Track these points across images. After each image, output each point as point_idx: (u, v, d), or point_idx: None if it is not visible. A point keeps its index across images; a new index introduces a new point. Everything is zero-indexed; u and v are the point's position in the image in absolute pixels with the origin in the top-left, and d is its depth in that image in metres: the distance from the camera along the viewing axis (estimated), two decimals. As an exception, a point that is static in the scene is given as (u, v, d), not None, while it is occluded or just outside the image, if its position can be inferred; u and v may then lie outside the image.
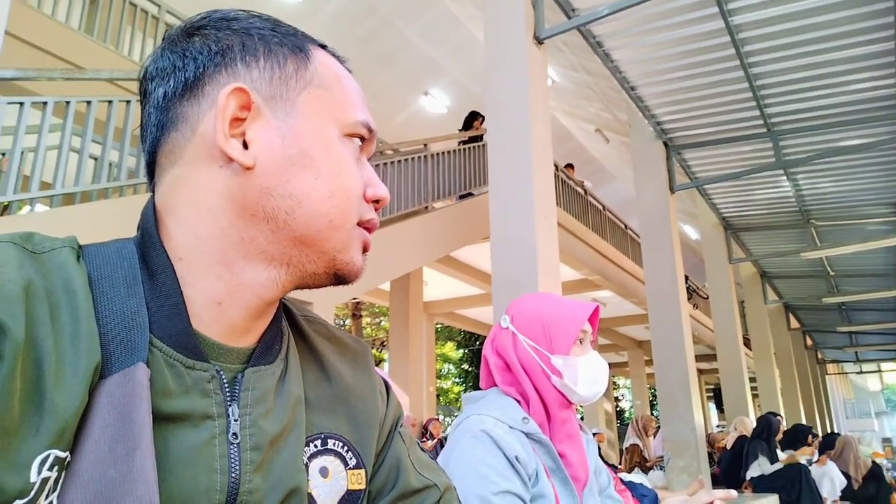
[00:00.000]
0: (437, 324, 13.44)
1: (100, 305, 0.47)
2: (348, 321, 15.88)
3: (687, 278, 8.22)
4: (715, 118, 6.16)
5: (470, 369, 20.97)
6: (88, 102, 3.78)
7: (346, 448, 0.60)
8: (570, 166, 10.02)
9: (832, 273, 10.38)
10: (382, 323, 18.13)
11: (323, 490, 0.57)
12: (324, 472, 0.57)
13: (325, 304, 4.92)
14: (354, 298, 12.36)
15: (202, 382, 0.49)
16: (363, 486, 0.60)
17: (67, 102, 3.66)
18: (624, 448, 6.56)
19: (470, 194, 7.15)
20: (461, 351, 21.27)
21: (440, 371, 19.88)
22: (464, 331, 18.18)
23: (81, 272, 0.47)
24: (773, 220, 8.60)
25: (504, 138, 4.00)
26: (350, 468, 0.59)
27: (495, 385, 1.24)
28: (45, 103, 3.56)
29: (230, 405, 0.51)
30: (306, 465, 0.56)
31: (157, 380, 0.47)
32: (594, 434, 5.21)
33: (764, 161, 6.73)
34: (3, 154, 3.55)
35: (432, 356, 11.51)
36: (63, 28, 5.37)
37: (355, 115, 0.57)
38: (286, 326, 0.61)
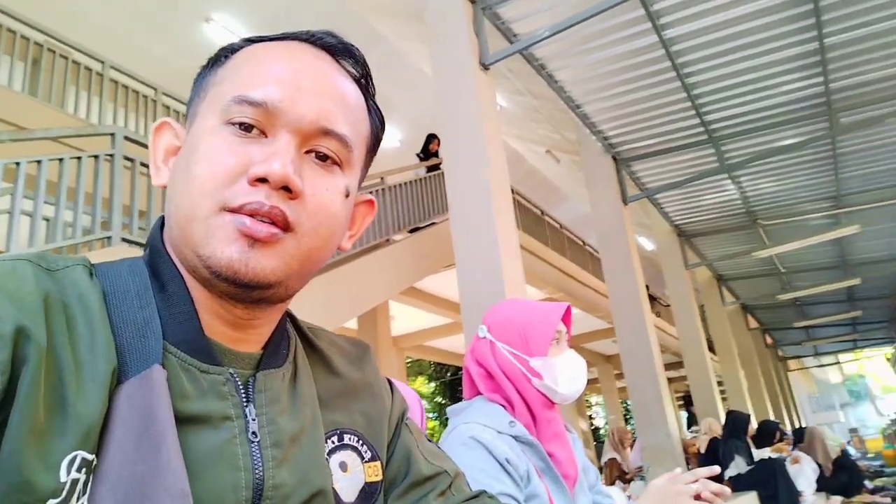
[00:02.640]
0: (406, 358, 13.35)
1: (114, 317, 0.49)
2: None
3: (648, 288, 8.40)
4: (658, 129, 6.40)
5: (444, 402, 20.79)
6: (39, 162, 3.71)
7: (361, 442, 0.62)
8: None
9: (783, 270, 10.74)
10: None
11: (344, 484, 0.59)
12: (343, 466, 0.60)
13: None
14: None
15: (218, 385, 0.51)
16: (380, 478, 0.63)
17: (17, 164, 3.59)
18: (602, 464, 6.59)
19: (418, 228, 7.21)
20: (433, 384, 21.09)
21: (414, 405, 19.61)
22: (434, 363, 18.08)
23: (95, 287, 0.50)
24: (722, 224, 8.89)
25: (460, 164, 4.08)
26: (366, 461, 0.62)
27: (479, 394, 1.27)
28: (-9, 165, 3.48)
29: (246, 406, 0.52)
30: (326, 459, 0.58)
31: (174, 383, 0.48)
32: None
33: (708, 167, 6.98)
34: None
35: (405, 390, 11.40)
36: (6, 91, 5.28)
37: (231, 94, 0.52)
38: (293, 332, 0.63)
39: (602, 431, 24.33)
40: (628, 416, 20.14)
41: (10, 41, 5.63)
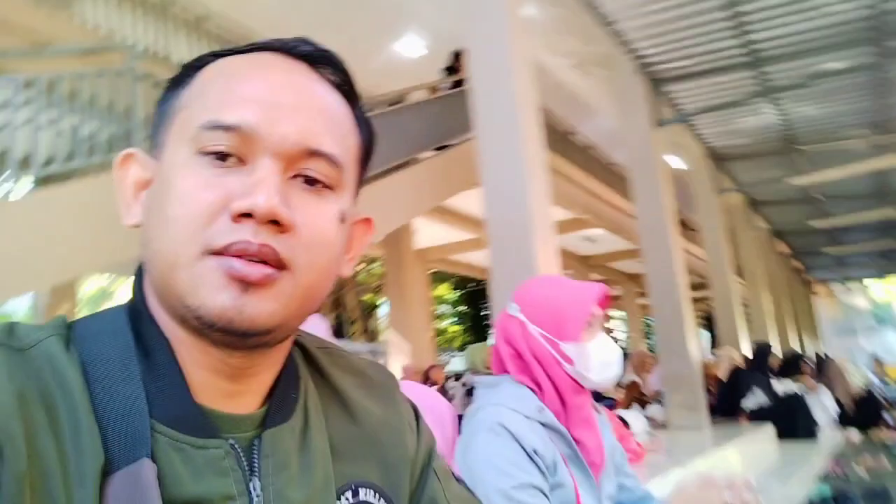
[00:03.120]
0: (430, 269, 13.48)
1: (96, 395, 0.44)
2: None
3: (678, 211, 8.27)
4: (697, 49, 6.05)
5: (466, 310, 21.20)
6: (57, 78, 3.65)
7: (378, 496, 0.57)
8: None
9: (818, 197, 10.45)
10: (372, 270, 18.18)
11: None
12: None
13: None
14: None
15: (216, 462, 0.46)
16: None
17: (36, 80, 3.54)
18: (621, 384, 6.70)
19: (446, 146, 7.03)
20: (457, 292, 21.43)
21: (436, 312, 20.06)
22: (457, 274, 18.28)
23: (72, 362, 0.45)
24: (759, 148, 8.58)
25: (485, 80, 3.91)
26: None
27: (507, 372, 1.24)
28: (17, 80, 3.45)
29: (251, 479, 0.48)
30: None
31: (166, 470, 0.44)
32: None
33: (748, 89, 6.65)
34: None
35: (428, 302, 11.61)
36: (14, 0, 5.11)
37: (201, 119, 0.47)
38: (301, 368, 0.57)
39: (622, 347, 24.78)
40: (648, 333, 20.41)
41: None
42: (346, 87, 0.54)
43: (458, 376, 6.28)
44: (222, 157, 0.46)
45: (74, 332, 0.48)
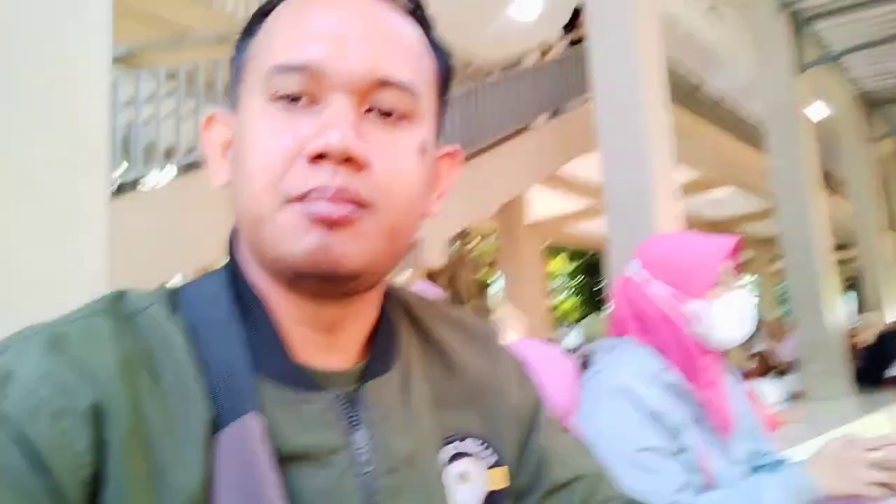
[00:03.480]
0: (545, 243, 13.34)
1: (202, 354, 0.46)
2: (455, 245, 16.10)
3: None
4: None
5: (584, 279, 20.81)
6: (195, 68, 3.93)
7: (484, 445, 0.56)
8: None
9: None
10: (487, 245, 18.25)
11: (464, 496, 0.53)
12: (464, 476, 0.54)
13: (435, 239, 4.98)
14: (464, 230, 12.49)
15: (320, 414, 0.47)
16: (506, 485, 0.57)
17: (175, 72, 3.82)
18: (754, 353, 6.32)
19: (559, 111, 6.82)
20: (573, 264, 21.08)
21: (551, 287, 19.87)
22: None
23: (177, 326, 0.47)
24: (921, 88, 7.63)
25: (607, 37, 3.74)
26: (490, 467, 0.56)
27: (627, 334, 1.20)
28: (157, 74, 3.74)
29: (356, 430, 0.48)
30: (445, 473, 0.53)
31: (273, 422, 0.45)
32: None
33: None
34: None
35: (543, 277, 11.52)
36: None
37: (271, 62, 0.46)
38: (402, 320, 0.57)
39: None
40: (782, 301, 19.02)
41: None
42: (418, 11, 0.52)
43: (574, 350, 6.22)
44: (293, 99, 0.45)
45: (179, 299, 0.50)
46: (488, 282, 18.60)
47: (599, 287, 20.08)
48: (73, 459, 0.39)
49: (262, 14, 0.51)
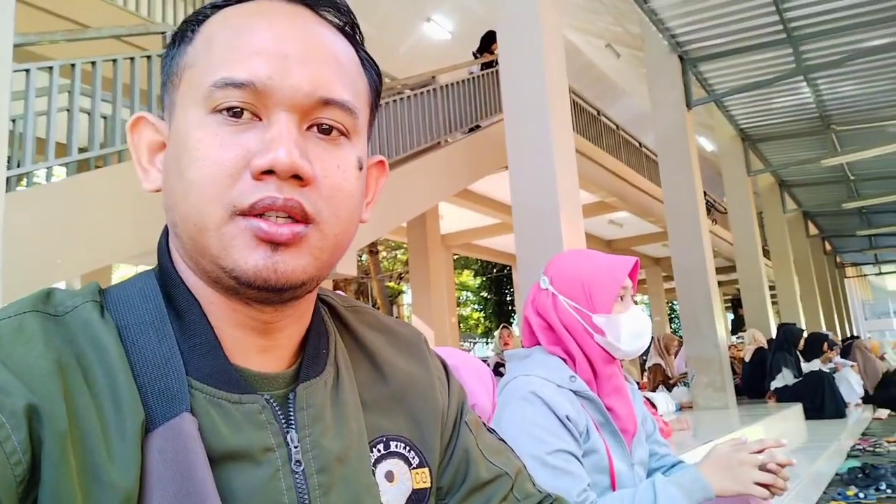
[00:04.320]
0: (454, 255, 13.53)
1: (132, 357, 0.46)
2: (365, 257, 16.04)
3: (704, 193, 8.14)
4: (732, 27, 5.93)
5: (489, 297, 21.22)
6: (93, 63, 3.71)
7: (408, 448, 0.58)
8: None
9: (852, 177, 10.22)
10: (398, 256, 18.28)
11: (390, 495, 0.56)
12: (389, 476, 0.56)
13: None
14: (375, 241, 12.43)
15: (253, 415, 0.48)
16: (428, 484, 0.59)
17: (73, 65, 3.61)
18: (646, 367, 6.70)
19: (478, 127, 7.02)
20: (479, 278, 21.47)
21: (459, 298, 20.16)
22: (481, 259, 18.29)
23: (108, 326, 0.46)
24: (792, 129, 8.41)
25: (516, 63, 3.90)
26: (414, 468, 0.58)
27: (539, 344, 1.27)
28: (50, 67, 3.51)
29: (288, 431, 0.49)
30: (372, 472, 0.55)
31: (206, 423, 0.45)
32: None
33: (784, 68, 6.51)
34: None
35: (452, 288, 11.65)
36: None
37: (213, 77, 0.46)
38: (330, 324, 0.59)
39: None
40: (672, 317, 20.25)
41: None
42: (349, 28, 0.53)
43: (483, 360, 6.34)
44: (237, 114, 0.46)
45: (108, 299, 0.49)
46: (397, 293, 18.57)
47: (504, 302, 20.55)
48: (7, 457, 0.38)
49: (196, 21, 0.51)
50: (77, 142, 3.68)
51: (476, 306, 21.84)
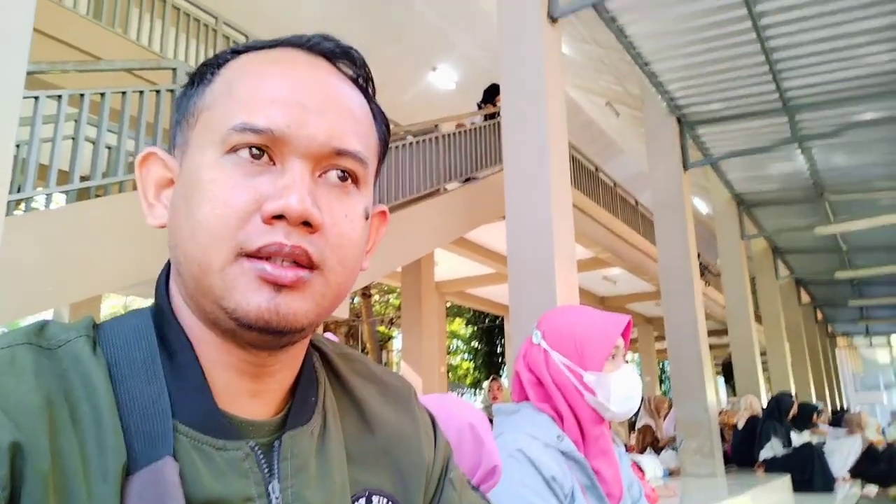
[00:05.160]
0: (447, 302, 13.50)
1: (120, 395, 0.46)
2: (357, 300, 15.97)
3: (699, 255, 8.19)
4: (730, 93, 6.08)
5: (479, 347, 21.08)
6: (102, 94, 3.77)
7: (390, 503, 0.57)
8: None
9: (845, 247, 10.31)
10: (390, 300, 18.21)
11: None
12: None
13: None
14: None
15: (236, 462, 0.47)
16: None
17: (82, 95, 3.66)
18: (636, 428, 6.61)
19: (474, 178, 7.11)
20: (470, 328, 21.36)
21: (450, 347, 20.02)
22: (473, 308, 18.25)
23: (99, 363, 0.46)
24: (786, 195, 8.52)
25: (518, 117, 3.97)
26: None
27: (527, 399, 1.25)
28: (59, 96, 3.56)
29: (270, 481, 0.48)
30: None
31: (187, 468, 0.45)
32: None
33: (779, 136, 6.64)
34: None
35: (443, 336, 11.58)
36: (70, 14, 5.32)
37: (232, 121, 0.47)
38: (321, 371, 0.58)
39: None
40: (664, 377, 20.11)
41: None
42: (363, 81, 0.55)
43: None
44: (256, 155, 0.47)
45: (101, 334, 0.49)
46: (387, 338, 18.41)
47: (495, 353, 20.39)
48: None
49: (216, 64, 0.52)
50: (80, 170, 3.70)
51: (466, 356, 21.67)
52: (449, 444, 0.68)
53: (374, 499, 0.56)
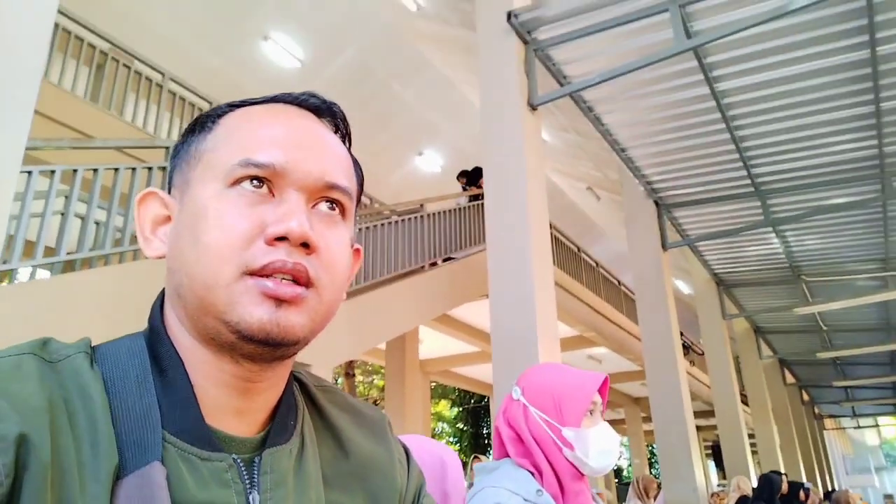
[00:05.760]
0: (431, 382, 13.32)
1: (114, 407, 0.49)
2: (341, 380, 15.69)
3: (682, 334, 8.24)
4: (704, 178, 6.33)
5: (464, 428, 20.60)
6: (95, 171, 3.86)
7: None
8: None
9: (825, 328, 10.44)
10: (375, 381, 17.92)
11: None
12: None
13: (322, 365, 4.91)
14: (352, 361, 12.24)
15: (220, 473, 0.50)
16: None
17: (74, 171, 3.75)
18: (625, 510, 6.43)
19: (452, 258, 7.23)
20: (455, 409, 20.95)
21: (434, 430, 19.54)
22: (458, 389, 17.98)
23: (96, 377, 0.50)
24: (764, 276, 8.71)
25: (500, 200, 4.11)
26: None
27: (508, 456, 1.27)
28: (52, 172, 3.64)
29: (250, 493, 0.51)
30: None
31: (173, 475, 0.48)
32: (596, 493, 5.06)
33: (753, 219, 6.87)
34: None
35: (428, 415, 11.36)
36: (69, 96, 5.52)
37: (236, 158, 0.53)
38: (300, 399, 0.62)
39: (625, 473, 23.79)
40: (653, 460, 19.65)
41: (77, 47, 5.91)
42: (344, 133, 0.63)
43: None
44: (257, 186, 0.52)
45: (98, 353, 0.53)
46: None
47: (480, 434, 19.91)
48: None
49: (216, 115, 0.60)
50: (66, 245, 3.74)
51: (451, 438, 21.12)
52: (422, 473, 0.72)
53: None
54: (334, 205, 0.57)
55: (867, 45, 4.38)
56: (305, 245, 0.52)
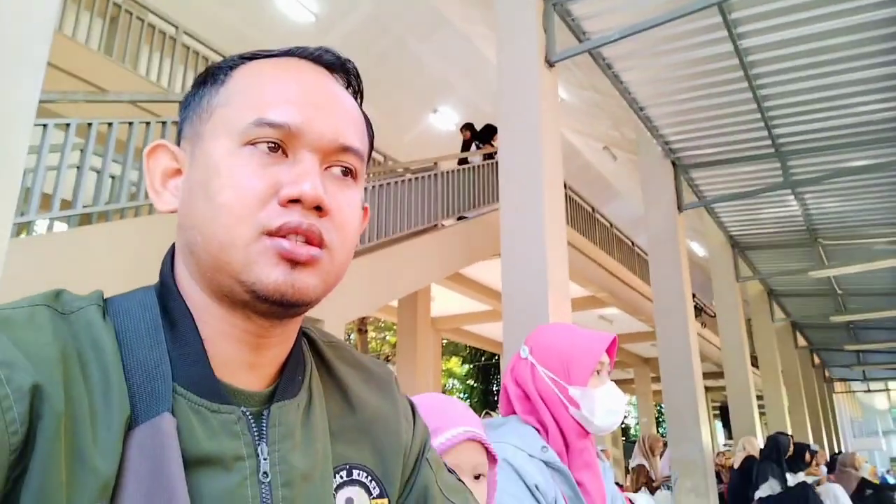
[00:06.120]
0: (443, 339, 13.46)
1: (126, 358, 0.50)
2: (353, 336, 15.91)
3: (694, 296, 8.23)
4: (723, 138, 6.22)
5: (475, 385, 20.91)
6: (110, 124, 3.86)
7: (369, 478, 0.62)
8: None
9: (840, 291, 10.37)
10: (387, 337, 18.15)
11: None
12: (349, 502, 0.59)
13: (335, 321, 4.97)
14: (365, 317, 12.38)
15: (229, 424, 0.51)
16: None
17: (90, 124, 3.75)
18: (630, 468, 6.54)
19: (464, 217, 7.20)
20: (466, 367, 21.23)
21: (445, 386, 19.85)
22: (469, 346, 18.19)
23: (108, 329, 0.51)
24: (780, 239, 8.62)
25: (515, 158, 4.07)
26: (374, 497, 0.61)
27: (515, 413, 1.29)
28: (67, 125, 3.65)
29: (259, 444, 0.53)
30: (333, 496, 0.58)
31: (184, 426, 0.49)
32: (601, 450, 5.12)
33: (772, 181, 6.77)
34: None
35: (439, 372, 11.53)
36: (83, 49, 5.48)
37: (250, 117, 0.53)
38: (308, 355, 0.63)
39: (632, 431, 24.13)
40: (659, 420, 19.90)
41: (90, -2, 5.84)
42: (356, 90, 0.62)
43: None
44: (272, 148, 0.52)
45: (110, 306, 0.54)
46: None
47: (490, 391, 20.21)
48: (7, 426, 0.42)
49: (227, 67, 0.58)
50: (82, 198, 3.77)
51: (462, 394, 21.46)
52: (427, 429, 0.73)
53: (355, 472, 0.61)
54: (347, 169, 0.57)
55: (899, 1, 4.23)
56: (318, 208, 0.52)
